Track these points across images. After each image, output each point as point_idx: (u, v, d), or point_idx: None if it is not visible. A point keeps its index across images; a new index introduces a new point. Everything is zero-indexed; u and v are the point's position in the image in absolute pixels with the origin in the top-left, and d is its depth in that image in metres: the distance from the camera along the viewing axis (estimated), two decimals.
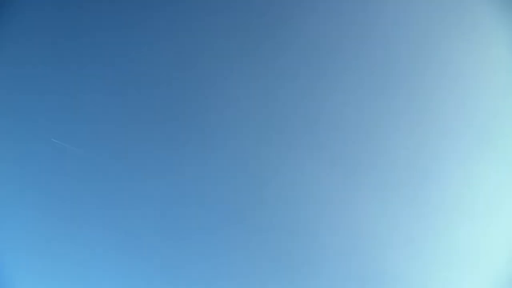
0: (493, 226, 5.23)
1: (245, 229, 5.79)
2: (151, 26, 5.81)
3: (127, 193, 5.93)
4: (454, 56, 5.39)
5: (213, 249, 5.74)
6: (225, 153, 5.79)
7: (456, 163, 5.33)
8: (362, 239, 5.41)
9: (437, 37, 5.43)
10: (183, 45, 5.84)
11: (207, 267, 5.72)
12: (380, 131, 5.51)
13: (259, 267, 5.70)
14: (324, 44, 5.60)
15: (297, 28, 5.66)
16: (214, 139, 5.84)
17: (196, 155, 5.88)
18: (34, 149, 5.84)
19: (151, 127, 5.95)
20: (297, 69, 5.67)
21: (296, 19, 5.65)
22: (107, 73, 5.93)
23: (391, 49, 5.52)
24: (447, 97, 5.41)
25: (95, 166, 5.90)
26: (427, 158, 5.39)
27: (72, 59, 5.87)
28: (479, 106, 5.33)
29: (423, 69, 5.46)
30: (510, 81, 5.30)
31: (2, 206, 5.75)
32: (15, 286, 5.54)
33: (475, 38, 5.37)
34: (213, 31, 5.79)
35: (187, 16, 5.79)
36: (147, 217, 5.87)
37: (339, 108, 5.60)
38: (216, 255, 5.74)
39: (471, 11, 5.35)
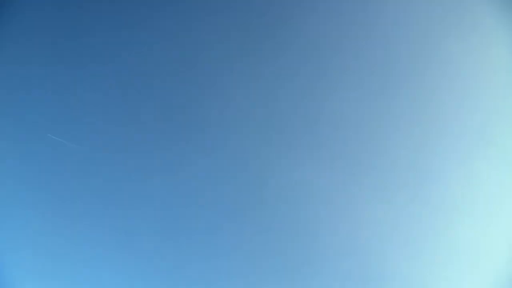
0: (494, 226, 5.24)
1: (245, 229, 5.80)
2: (151, 26, 5.82)
3: (126, 193, 5.94)
4: (454, 55, 5.40)
5: (213, 248, 5.75)
6: (225, 153, 5.80)
7: (456, 162, 5.33)
8: (362, 238, 5.42)
9: (437, 37, 5.44)
10: (183, 44, 5.84)
11: (207, 267, 5.73)
12: (380, 130, 5.52)
13: (259, 266, 5.71)
14: (324, 44, 5.61)
15: (297, 28, 5.66)
16: (214, 138, 5.85)
17: (196, 155, 5.89)
18: (33, 148, 5.85)
19: (150, 126, 5.96)
20: (297, 69, 5.68)
21: (296, 18, 5.66)
22: (107, 71, 5.94)
23: (391, 49, 5.52)
24: (447, 96, 5.42)
25: (95, 164, 5.91)
26: (427, 157, 5.40)
27: (72, 58, 5.88)
28: (479, 106, 5.34)
29: (423, 69, 5.46)
30: (510, 80, 5.30)
31: (1, 205, 5.76)
32: (15, 285, 5.55)
33: (475, 38, 5.37)
34: (213, 31, 5.80)
35: (187, 15, 5.80)
36: (147, 216, 5.88)
37: (339, 108, 5.61)
38: (216, 254, 5.75)
39: (471, 11, 5.36)
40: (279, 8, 5.69)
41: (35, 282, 5.62)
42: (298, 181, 5.64)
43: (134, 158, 5.95)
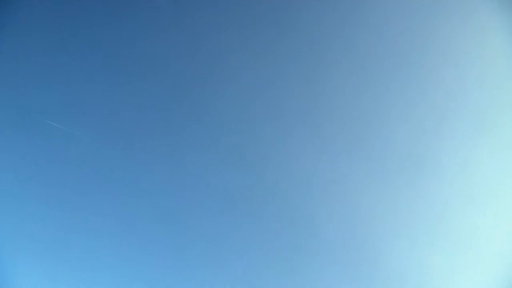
0: (492, 214, 5.19)
1: (242, 217, 5.83)
2: (149, 17, 5.91)
3: (127, 182, 6.02)
4: (451, 42, 5.37)
5: (211, 237, 5.80)
6: (222, 141, 5.85)
7: (455, 149, 5.30)
8: (358, 226, 5.42)
9: (435, 24, 5.42)
10: (181, 34, 5.91)
11: (205, 255, 5.78)
12: (377, 117, 5.51)
13: (256, 254, 5.74)
14: (321, 31, 5.63)
15: (295, 15, 5.68)
16: (213, 127, 5.90)
17: (195, 145, 5.95)
18: (32, 137, 5.95)
19: (149, 116, 6.03)
20: (293, 56, 5.70)
21: (295, 4, 5.68)
22: (108, 61, 6.03)
23: (388, 36, 5.51)
24: (446, 82, 5.39)
25: (95, 155, 6.01)
26: (424, 144, 5.38)
27: (75, 48, 6.00)
28: (477, 92, 5.30)
29: (420, 56, 5.44)
30: (509, 67, 5.26)
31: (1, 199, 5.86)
32: (14, 276, 5.64)
33: (474, 25, 5.34)
34: (212, 20, 5.86)
35: (187, 3, 5.87)
36: (147, 206, 5.95)
37: (336, 95, 5.61)
38: (215, 243, 5.79)
39: None
40: None
41: (34, 272, 5.72)
42: (294, 168, 5.65)
43: (135, 148, 6.03)
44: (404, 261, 5.24)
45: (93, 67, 6.00)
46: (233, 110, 5.77)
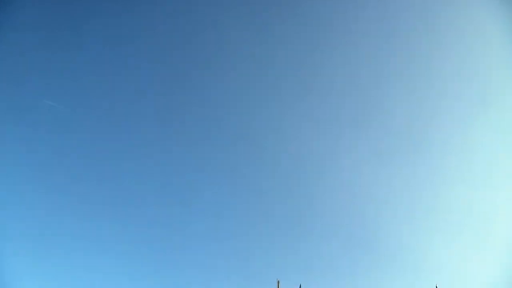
0: (490, 189, 5.20)
1: (244, 190, 5.83)
2: (149, 14, 6.02)
3: (129, 161, 6.01)
4: (455, 19, 5.47)
5: (212, 211, 5.79)
6: (224, 116, 5.89)
7: (454, 125, 5.35)
8: (358, 200, 5.41)
9: (439, 2, 5.51)
10: (180, 30, 6.02)
11: (208, 228, 5.75)
12: (378, 92, 5.58)
13: (256, 225, 5.70)
14: (324, 8, 5.70)
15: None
16: (215, 103, 5.95)
17: (196, 127, 5.98)
18: (33, 138, 5.95)
19: (150, 104, 6.07)
20: (295, 32, 5.79)
21: None
22: (109, 57, 6.11)
23: (392, 11, 5.61)
24: (447, 58, 5.47)
25: (96, 149, 6.00)
26: (425, 118, 5.43)
27: (75, 45, 6.09)
28: (478, 68, 5.38)
29: (423, 30, 5.54)
30: (509, 43, 5.37)
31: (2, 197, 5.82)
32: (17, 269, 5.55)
33: (475, 14, 5.48)
34: (209, 16, 5.98)
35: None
36: (148, 184, 5.92)
37: (336, 69, 5.69)
38: (218, 215, 5.76)
39: None
40: None
41: (34, 265, 5.63)
42: (294, 141, 5.69)
43: (134, 136, 6.04)
44: (403, 237, 5.23)
45: (94, 64, 6.08)
46: (233, 89, 5.84)
